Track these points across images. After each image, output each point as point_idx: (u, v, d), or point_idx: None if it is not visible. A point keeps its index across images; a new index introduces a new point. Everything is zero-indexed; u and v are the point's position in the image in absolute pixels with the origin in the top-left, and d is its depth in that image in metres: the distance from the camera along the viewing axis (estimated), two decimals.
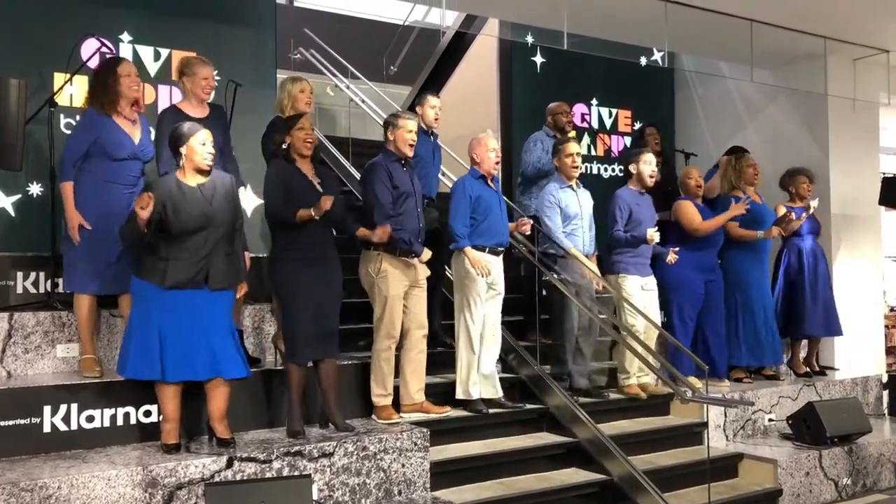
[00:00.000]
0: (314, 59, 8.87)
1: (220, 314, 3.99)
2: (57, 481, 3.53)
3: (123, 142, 4.36)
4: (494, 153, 5.05)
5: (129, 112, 4.44)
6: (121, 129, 4.37)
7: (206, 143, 4.01)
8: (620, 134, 8.26)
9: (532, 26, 7.10)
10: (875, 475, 5.81)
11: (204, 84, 4.64)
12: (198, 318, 3.91)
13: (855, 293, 7.42)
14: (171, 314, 3.88)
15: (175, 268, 3.88)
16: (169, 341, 3.87)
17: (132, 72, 4.47)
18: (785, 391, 6.14)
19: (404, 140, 4.73)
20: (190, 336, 3.89)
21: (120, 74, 4.39)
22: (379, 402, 4.70)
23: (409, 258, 4.68)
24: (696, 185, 6.07)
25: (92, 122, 4.37)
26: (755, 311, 6.18)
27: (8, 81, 4.31)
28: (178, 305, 3.89)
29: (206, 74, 4.65)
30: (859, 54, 7.29)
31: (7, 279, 4.80)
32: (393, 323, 4.65)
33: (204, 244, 3.93)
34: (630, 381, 5.64)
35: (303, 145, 4.36)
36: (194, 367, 3.90)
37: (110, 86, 4.36)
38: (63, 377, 4.33)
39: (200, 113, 4.65)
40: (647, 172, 5.65)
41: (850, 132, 7.52)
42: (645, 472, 4.72)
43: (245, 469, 3.94)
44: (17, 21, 5.20)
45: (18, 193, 5.20)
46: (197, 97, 4.66)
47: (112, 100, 4.37)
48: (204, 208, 3.95)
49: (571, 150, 5.44)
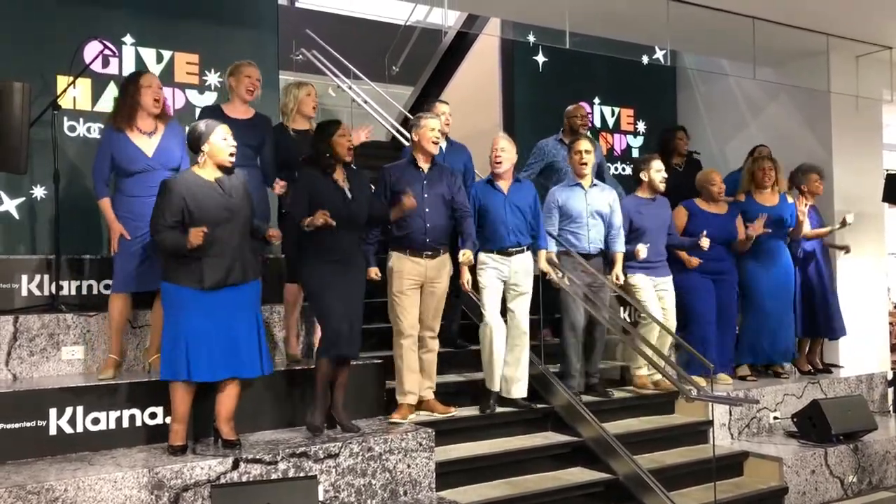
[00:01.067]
0: (316, 59, 8.86)
1: (249, 309, 4.04)
2: (63, 484, 3.54)
3: (135, 156, 4.37)
4: (493, 152, 5.10)
5: (146, 124, 4.43)
6: (132, 143, 4.38)
7: (227, 137, 4.04)
8: (623, 133, 8.25)
9: (534, 25, 7.09)
10: (881, 473, 5.80)
11: (248, 83, 4.81)
12: (226, 317, 3.94)
13: (859, 290, 7.41)
14: (200, 314, 3.90)
15: (210, 266, 3.90)
16: (194, 342, 3.89)
17: (154, 83, 4.47)
18: (790, 389, 6.13)
19: (427, 138, 4.79)
20: (216, 336, 3.92)
21: (142, 86, 4.40)
22: (399, 401, 4.73)
23: (419, 256, 4.70)
24: (718, 192, 6.06)
25: (108, 140, 4.41)
26: (762, 309, 6.18)
27: (12, 85, 4.32)
28: (210, 305, 3.91)
29: (251, 73, 4.84)
30: (862, 51, 7.28)
31: (11, 282, 4.81)
32: (400, 318, 4.68)
33: (230, 237, 3.95)
34: (641, 371, 5.68)
35: (347, 152, 4.42)
36: (216, 367, 3.93)
37: (131, 97, 4.37)
38: (68, 379, 4.33)
39: (243, 115, 4.75)
40: (658, 179, 5.70)
41: (853, 129, 7.51)
42: (650, 470, 4.72)
43: (251, 470, 3.94)
44: (20, 24, 5.22)
45: (22, 196, 5.22)
46: (240, 97, 4.81)
47: (129, 113, 4.37)
48: (224, 201, 3.98)
49: (580, 147, 5.45)
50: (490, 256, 5.04)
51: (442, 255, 4.80)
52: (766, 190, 6.26)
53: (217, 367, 3.94)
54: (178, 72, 5.77)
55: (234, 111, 4.80)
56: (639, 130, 8.32)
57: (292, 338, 5.03)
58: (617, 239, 5.50)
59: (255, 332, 4.05)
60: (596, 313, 5.39)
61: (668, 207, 5.86)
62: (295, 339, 5.04)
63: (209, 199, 3.95)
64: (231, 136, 4.06)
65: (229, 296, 3.97)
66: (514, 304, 5.10)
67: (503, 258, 5.04)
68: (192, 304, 3.90)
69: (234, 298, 3.99)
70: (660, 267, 5.74)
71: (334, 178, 4.40)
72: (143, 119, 4.42)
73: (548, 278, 5.31)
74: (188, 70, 5.81)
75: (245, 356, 3.99)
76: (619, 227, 5.51)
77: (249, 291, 4.06)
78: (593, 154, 5.50)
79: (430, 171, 4.82)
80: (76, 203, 5.12)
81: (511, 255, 5.06)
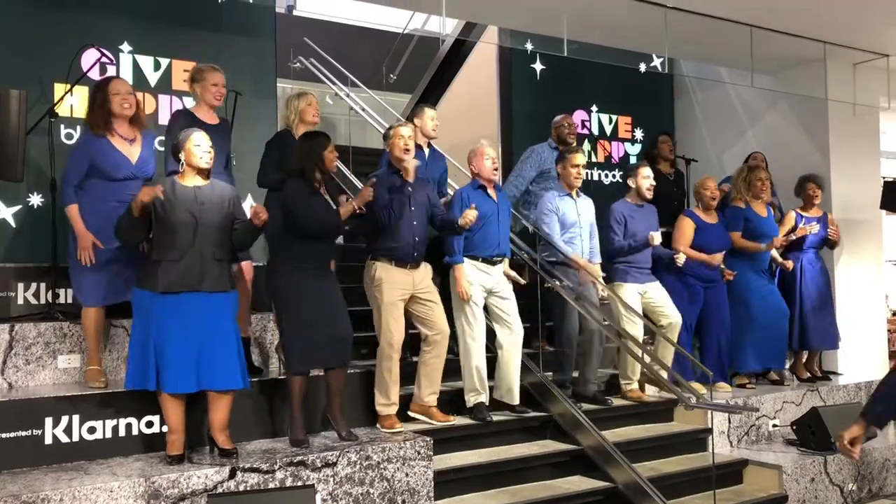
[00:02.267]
0: (314, 67, 8.86)
1: (222, 320, 3.97)
2: (59, 493, 3.51)
3: (120, 162, 4.35)
4: (491, 161, 5.12)
5: (126, 130, 4.42)
6: (116, 149, 4.36)
7: (200, 143, 4.05)
8: (621, 140, 8.25)
9: (531, 33, 7.10)
10: (881, 480, 5.78)
11: (214, 90, 4.66)
12: (196, 326, 3.89)
13: (857, 297, 7.41)
14: (167, 322, 3.87)
15: (166, 270, 3.89)
16: (165, 351, 3.85)
17: (123, 89, 4.41)
18: (789, 396, 6.12)
19: (399, 147, 4.78)
20: (186, 345, 3.87)
21: (110, 93, 4.35)
22: (382, 412, 4.70)
23: (405, 267, 4.69)
24: (710, 197, 6.09)
25: (87, 144, 4.36)
26: (756, 317, 6.19)
27: (8, 92, 4.30)
28: (175, 312, 3.88)
29: (217, 80, 4.68)
30: (859, 59, 7.30)
31: (8, 290, 4.80)
32: (390, 330, 4.65)
33: (192, 243, 3.93)
34: (632, 386, 5.66)
35: (333, 167, 4.45)
36: (189, 378, 3.88)
37: (100, 105, 4.34)
38: (64, 388, 4.31)
39: (211, 120, 4.69)
40: (645, 186, 5.77)
41: (850, 137, 7.51)
42: (649, 479, 4.70)
43: (248, 480, 3.92)
44: (17, 32, 5.21)
45: (19, 204, 5.20)
46: (207, 103, 4.69)
47: (105, 120, 4.34)
48: (192, 207, 3.97)
49: (577, 161, 5.50)
50: (474, 264, 5.03)
51: (424, 265, 4.84)
52: (758, 201, 6.29)
53: (189, 379, 3.87)
54: (176, 79, 5.76)
55: (203, 115, 4.67)
56: (636, 138, 8.32)
57: None
58: (596, 248, 5.63)
59: (232, 343, 3.98)
60: (592, 319, 5.37)
61: (655, 216, 5.91)
62: None
63: (178, 202, 3.95)
64: (206, 142, 4.06)
65: (201, 303, 3.92)
66: (504, 310, 5.08)
67: (487, 266, 5.06)
68: (158, 311, 3.87)
69: (206, 307, 3.93)
70: (647, 273, 5.77)
71: (319, 190, 4.42)
72: (121, 125, 4.40)
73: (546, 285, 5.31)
74: (185, 78, 5.76)
75: (220, 368, 3.92)
76: (596, 237, 5.66)
77: (224, 301, 4.00)
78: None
79: (414, 183, 4.82)
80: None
81: (495, 265, 5.10)
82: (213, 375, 3.92)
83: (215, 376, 3.92)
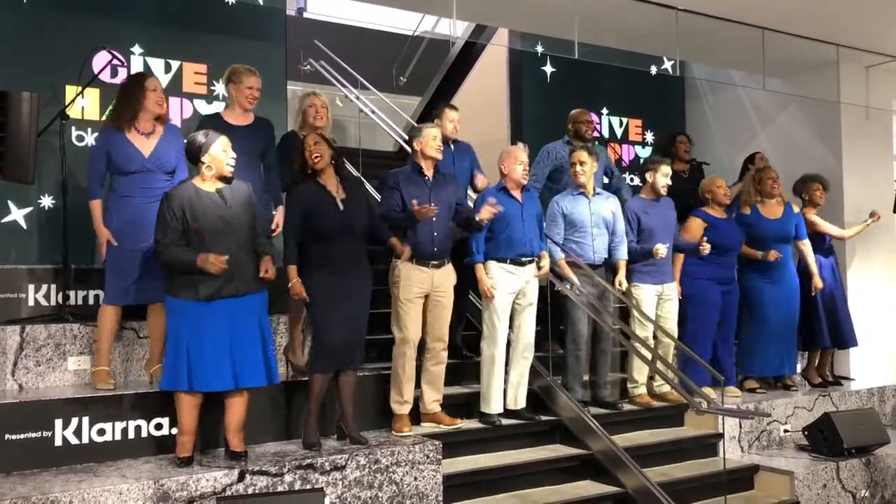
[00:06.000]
0: (324, 70, 8.86)
1: (252, 319, 4.01)
2: (68, 495, 3.51)
3: (132, 155, 4.37)
4: (522, 166, 5.08)
5: (145, 125, 4.44)
6: (130, 142, 4.38)
7: (226, 149, 4.04)
8: (631, 143, 8.22)
9: (542, 36, 7.09)
10: (894, 487, 5.72)
11: (248, 93, 4.73)
12: (227, 327, 3.92)
13: (869, 302, 7.35)
14: (201, 324, 3.89)
15: (204, 279, 3.89)
16: (196, 352, 3.87)
17: (158, 87, 4.51)
18: (800, 402, 6.08)
19: (431, 147, 4.79)
20: (217, 346, 3.90)
21: (147, 88, 4.41)
22: (395, 410, 4.70)
23: (425, 265, 4.68)
24: (724, 195, 6.03)
25: (105, 139, 4.41)
26: (766, 321, 6.13)
27: (20, 95, 4.30)
28: (210, 316, 3.90)
29: (252, 83, 4.74)
30: (872, 61, 7.26)
31: (19, 292, 4.80)
32: (406, 326, 4.64)
33: (227, 249, 3.93)
34: (639, 390, 5.62)
35: (312, 161, 4.39)
36: (226, 376, 3.91)
37: (135, 99, 4.38)
38: (75, 390, 4.32)
39: (243, 122, 4.72)
40: (661, 184, 5.68)
41: (863, 140, 7.46)
42: (660, 484, 4.67)
43: (257, 482, 3.91)
44: (28, 34, 5.23)
45: (30, 206, 5.22)
46: (241, 105, 4.74)
47: (132, 114, 4.38)
48: (222, 212, 3.97)
49: (575, 158, 5.43)
50: (502, 266, 5.00)
51: (447, 265, 4.80)
52: (773, 200, 6.21)
53: (219, 378, 3.91)
54: (187, 82, 5.78)
55: (233, 118, 4.73)
56: (647, 141, 8.29)
57: (297, 347, 5.01)
58: (620, 246, 5.48)
59: (258, 342, 4.02)
60: (602, 322, 5.35)
61: (672, 209, 5.81)
62: (300, 349, 5.02)
63: (208, 209, 3.95)
64: (231, 147, 4.06)
65: (232, 305, 3.95)
66: (522, 316, 5.07)
67: (516, 268, 5.02)
68: (191, 315, 3.89)
69: (237, 308, 3.96)
70: (666, 272, 5.69)
71: (327, 189, 4.39)
72: (144, 120, 4.42)
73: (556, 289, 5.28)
74: (196, 80, 5.82)
75: (249, 366, 3.97)
76: (622, 235, 5.50)
77: (254, 301, 4.04)
78: (590, 164, 5.43)
79: (434, 179, 4.81)
80: (83, 213, 5.05)
81: (524, 265, 5.05)
82: (244, 373, 3.95)
83: (245, 374, 3.95)
